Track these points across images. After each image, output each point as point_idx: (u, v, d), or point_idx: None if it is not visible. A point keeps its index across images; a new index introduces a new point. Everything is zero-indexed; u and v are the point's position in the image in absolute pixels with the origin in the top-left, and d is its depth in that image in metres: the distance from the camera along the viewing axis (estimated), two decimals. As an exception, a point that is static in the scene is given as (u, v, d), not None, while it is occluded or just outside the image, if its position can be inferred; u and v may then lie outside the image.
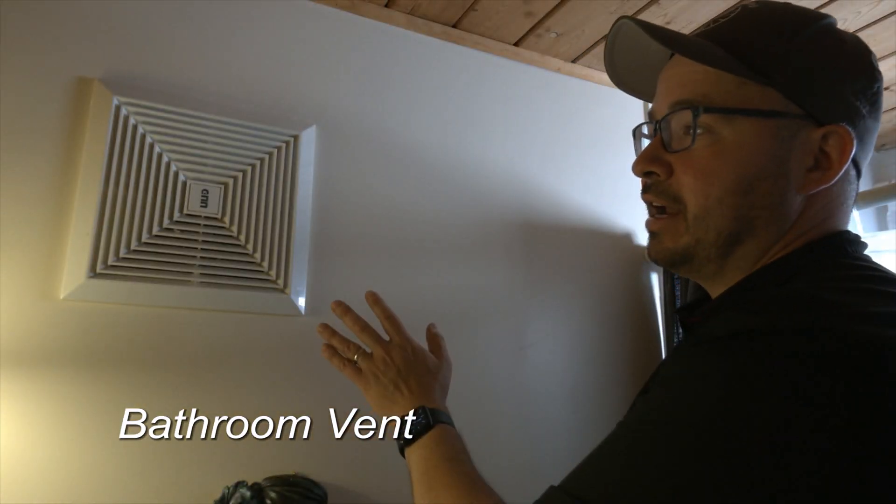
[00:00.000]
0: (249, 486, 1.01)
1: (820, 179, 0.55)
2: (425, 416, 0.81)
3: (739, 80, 0.56)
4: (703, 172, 0.57)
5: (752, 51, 0.56)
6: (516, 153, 1.50)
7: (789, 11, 0.60)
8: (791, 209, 0.56)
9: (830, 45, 0.57)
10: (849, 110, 0.56)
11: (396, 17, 1.40)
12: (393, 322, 0.93)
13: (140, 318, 1.05)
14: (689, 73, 0.60)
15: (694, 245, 0.58)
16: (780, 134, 0.56)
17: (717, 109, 0.57)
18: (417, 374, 0.88)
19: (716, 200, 0.56)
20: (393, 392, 0.87)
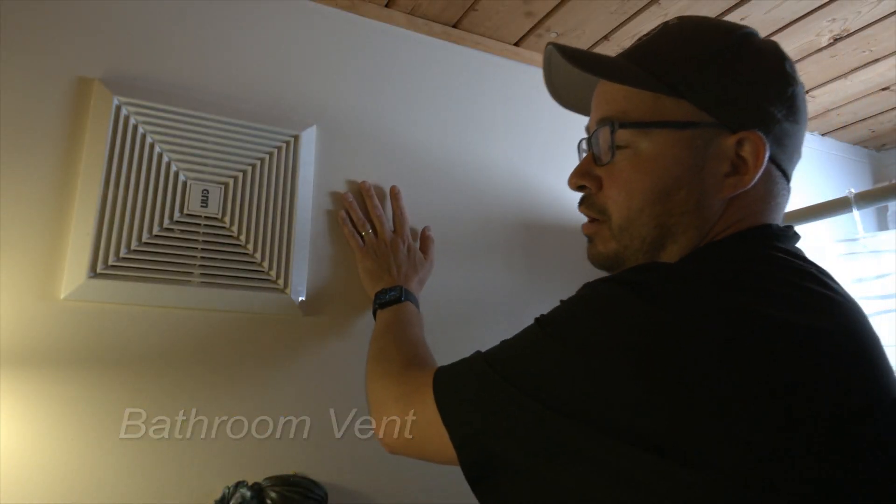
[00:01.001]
0: (249, 486, 1.01)
1: (737, 184, 0.59)
2: (400, 293, 1.04)
3: (655, 96, 0.60)
4: (624, 185, 0.62)
5: (664, 66, 0.61)
6: (516, 153, 1.50)
7: (704, 26, 0.64)
8: (710, 212, 0.60)
9: (742, 55, 0.61)
10: (762, 116, 0.59)
11: (396, 17, 1.40)
12: (402, 220, 1.21)
13: (140, 318, 1.05)
14: (611, 91, 0.64)
15: (621, 251, 0.64)
16: (695, 143, 0.59)
17: (632, 124, 0.61)
18: (405, 264, 1.12)
19: (636, 211, 0.61)
20: (382, 271, 1.11)
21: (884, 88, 1.71)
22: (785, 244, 0.61)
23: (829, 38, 1.46)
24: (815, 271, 0.56)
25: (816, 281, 0.54)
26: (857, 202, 1.29)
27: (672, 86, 0.60)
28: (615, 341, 0.48)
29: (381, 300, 1.05)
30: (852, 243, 1.41)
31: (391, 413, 0.71)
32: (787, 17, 1.38)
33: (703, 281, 0.51)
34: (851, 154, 2.13)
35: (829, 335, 0.49)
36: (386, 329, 0.96)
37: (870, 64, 1.58)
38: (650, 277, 0.51)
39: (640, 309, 0.48)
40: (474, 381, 0.58)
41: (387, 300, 1.04)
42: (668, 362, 0.45)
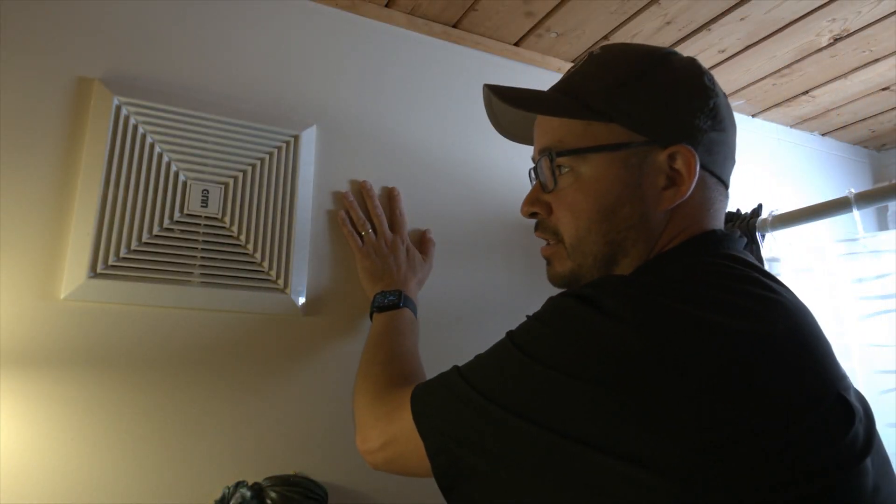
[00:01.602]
0: (249, 486, 1.01)
1: (675, 195, 0.63)
2: (399, 298, 1.03)
3: (585, 123, 0.65)
4: (570, 208, 0.67)
5: (590, 95, 0.66)
6: (517, 153, 1.50)
7: (627, 52, 0.69)
8: (654, 224, 0.64)
9: (660, 75, 0.65)
10: (688, 130, 0.64)
11: (396, 17, 1.40)
12: (401, 221, 1.20)
13: (140, 318, 1.05)
14: (548, 122, 0.69)
15: (577, 269, 0.68)
16: (630, 161, 0.64)
17: (568, 151, 0.66)
18: (405, 265, 1.12)
19: (585, 231, 0.66)
20: (382, 272, 1.11)
21: (884, 88, 1.71)
22: (729, 249, 0.64)
23: (829, 38, 1.46)
24: (757, 275, 0.59)
25: (759, 284, 0.57)
26: (857, 202, 1.29)
27: (600, 112, 0.64)
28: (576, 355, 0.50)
29: (378, 303, 1.05)
30: (852, 243, 1.41)
31: (372, 433, 0.74)
32: (787, 17, 1.38)
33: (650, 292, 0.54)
34: (851, 154, 2.13)
35: (772, 338, 0.52)
36: (379, 338, 0.97)
37: (870, 64, 1.58)
38: (604, 292, 0.54)
39: (597, 322, 0.51)
40: (447, 393, 0.61)
41: (385, 304, 1.04)
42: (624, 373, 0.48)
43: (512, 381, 0.55)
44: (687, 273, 0.58)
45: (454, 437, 0.57)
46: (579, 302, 0.54)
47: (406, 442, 0.65)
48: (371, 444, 0.73)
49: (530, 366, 0.53)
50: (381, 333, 0.97)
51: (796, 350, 0.52)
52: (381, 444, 0.72)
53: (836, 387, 0.52)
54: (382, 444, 0.71)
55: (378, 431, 0.72)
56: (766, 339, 0.51)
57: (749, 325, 0.51)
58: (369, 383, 0.84)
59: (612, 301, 0.52)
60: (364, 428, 0.76)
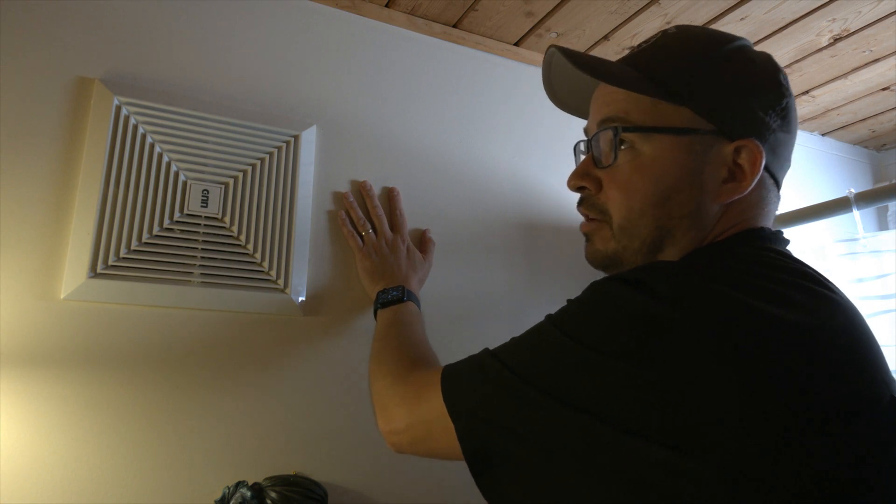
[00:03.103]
0: (249, 486, 1.01)
1: (734, 190, 0.61)
2: (402, 293, 1.03)
3: (654, 101, 0.62)
4: (625, 186, 0.63)
5: (664, 73, 0.63)
6: (517, 153, 1.50)
7: (703, 35, 0.66)
8: (708, 217, 0.62)
9: (740, 65, 0.63)
10: (758, 125, 0.61)
11: (396, 17, 1.40)
12: (401, 221, 1.21)
13: (140, 318, 1.05)
14: (612, 93, 0.66)
15: (621, 251, 0.65)
16: (694, 149, 0.61)
17: (634, 128, 0.63)
18: (405, 264, 1.12)
19: (637, 213, 0.63)
20: (382, 270, 1.11)
21: (884, 88, 1.71)
22: (777, 246, 0.63)
23: (829, 38, 1.46)
24: (810, 271, 0.57)
25: (812, 280, 0.55)
26: (857, 202, 1.29)
27: (673, 93, 0.61)
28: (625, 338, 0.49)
29: (382, 300, 1.04)
30: (852, 243, 1.41)
31: (397, 413, 0.72)
32: (787, 17, 1.38)
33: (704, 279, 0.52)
34: (851, 154, 2.13)
35: (825, 332, 0.50)
36: (388, 329, 0.95)
37: (870, 64, 1.58)
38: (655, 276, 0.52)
39: (648, 307, 0.49)
40: (482, 376, 0.58)
41: (388, 300, 1.03)
42: (673, 359, 0.46)
43: (552, 363, 0.52)
44: (739, 262, 0.56)
45: (486, 419, 0.56)
46: (629, 286, 0.52)
47: (435, 423, 0.63)
48: (397, 424, 0.71)
49: (574, 348, 0.51)
50: (389, 325, 0.96)
51: (850, 348, 0.51)
52: (406, 424, 0.69)
53: (891, 389, 0.50)
54: (409, 424, 0.69)
55: (404, 411, 0.70)
56: (820, 334, 0.49)
57: (804, 319, 0.49)
58: (387, 367, 0.82)
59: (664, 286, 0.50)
60: (388, 408, 0.74)
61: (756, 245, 0.61)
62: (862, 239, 1.39)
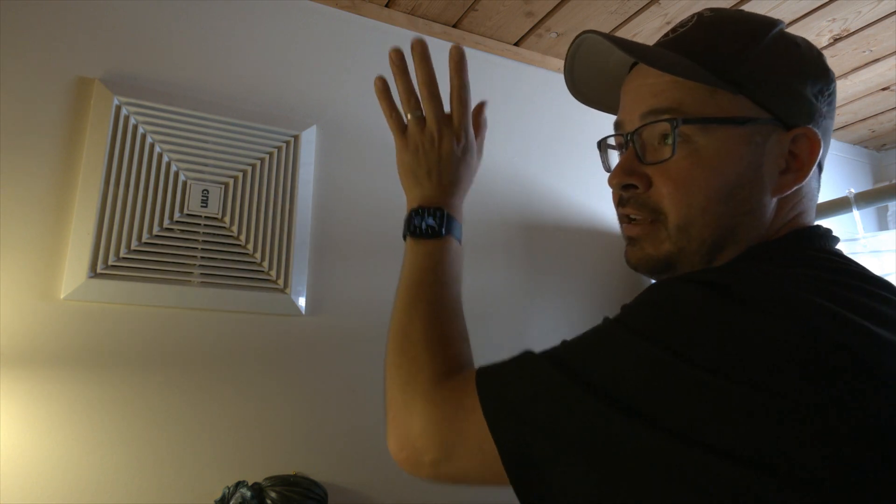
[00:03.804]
0: (249, 486, 1.01)
1: (793, 181, 0.57)
2: (440, 222, 0.79)
3: (711, 89, 0.57)
4: (683, 183, 0.57)
5: (717, 59, 0.58)
6: (517, 153, 1.50)
7: (743, 19, 0.62)
8: (767, 211, 0.58)
9: (787, 49, 0.59)
10: (812, 112, 0.58)
11: (397, 17, 1.40)
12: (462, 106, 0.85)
13: (140, 318, 1.05)
14: (660, 83, 0.59)
15: (677, 253, 0.59)
16: (754, 140, 0.57)
17: (694, 119, 0.57)
18: (454, 171, 0.84)
19: (699, 210, 0.57)
20: (423, 174, 0.83)
21: (884, 88, 1.71)
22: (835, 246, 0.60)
23: (830, 38, 1.46)
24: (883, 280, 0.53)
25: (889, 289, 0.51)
26: (857, 202, 1.29)
27: (730, 80, 0.57)
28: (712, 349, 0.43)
29: (415, 225, 0.78)
30: (852, 243, 1.41)
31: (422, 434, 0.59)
32: (787, 17, 1.38)
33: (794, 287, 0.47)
34: (851, 154, 2.13)
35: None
36: (415, 288, 0.74)
37: (870, 64, 1.58)
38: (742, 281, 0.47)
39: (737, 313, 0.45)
40: (532, 384, 0.51)
41: (423, 229, 0.78)
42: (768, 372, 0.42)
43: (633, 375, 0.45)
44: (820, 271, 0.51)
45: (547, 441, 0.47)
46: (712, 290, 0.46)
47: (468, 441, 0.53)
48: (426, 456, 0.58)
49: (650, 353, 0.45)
50: (417, 282, 0.75)
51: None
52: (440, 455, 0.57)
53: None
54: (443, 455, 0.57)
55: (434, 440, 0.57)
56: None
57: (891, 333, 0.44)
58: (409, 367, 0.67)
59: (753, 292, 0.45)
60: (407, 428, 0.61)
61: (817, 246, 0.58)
62: (862, 239, 1.39)
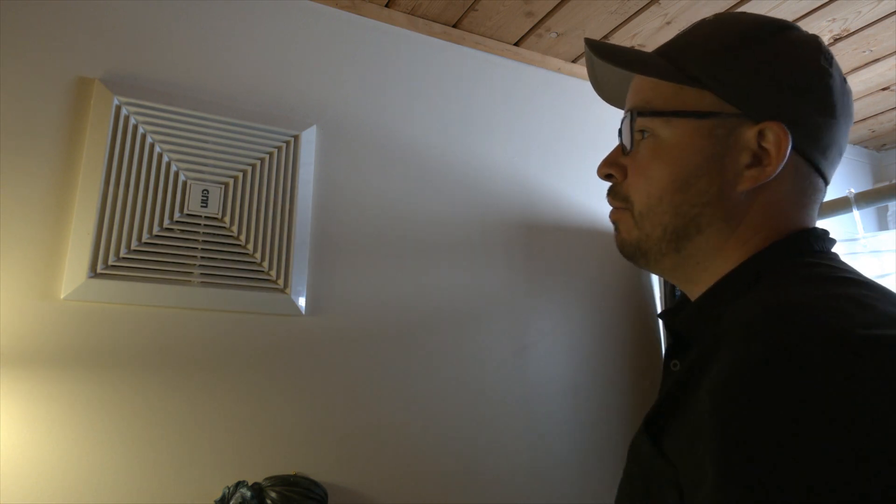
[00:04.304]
0: (249, 486, 1.01)
1: (758, 175, 0.58)
2: None
3: (677, 87, 0.60)
4: (643, 172, 0.62)
5: (688, 59, 0.61)
6: (516, 153, 1.50)
7: (738, 21, 0.63)
8: (733, 204, 0.59)
9: (771, 47, 0.60)
10: (787, 108, 0.58)
11: (397, 17, 1.40)
12: None
13: (140, 318, 1.05)
14: (640, 83, 0.65)
15: (644, 240, 0.62)
16: (716, 133, 0.59)
17: (651, 112, 0.61)
18: None
19: (656, 199, 0.60)
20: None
21: (884, 88, 1.71)
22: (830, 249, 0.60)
23: (830, 38, 1.46)
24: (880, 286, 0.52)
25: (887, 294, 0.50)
26: (857, 202, 1.29)
27: (694, 77, 0.59)
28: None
29: None
30: (852, 243, 1.41)
31: None
32: (787, 17, 1.38)
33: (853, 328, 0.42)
34: (851, 154, 2.13)
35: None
36: None
37: (870, 64, 1.58)
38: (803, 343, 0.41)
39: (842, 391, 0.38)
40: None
41: None
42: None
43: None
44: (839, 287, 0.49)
45: None
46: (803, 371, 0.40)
47: None
48: None
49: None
50: None
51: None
52: None
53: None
54: None
55: None
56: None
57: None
58: None
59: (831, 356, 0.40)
60: None
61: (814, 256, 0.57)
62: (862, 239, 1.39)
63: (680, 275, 0.63)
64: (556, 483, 1.35)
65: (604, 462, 1.41)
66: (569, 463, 1.37)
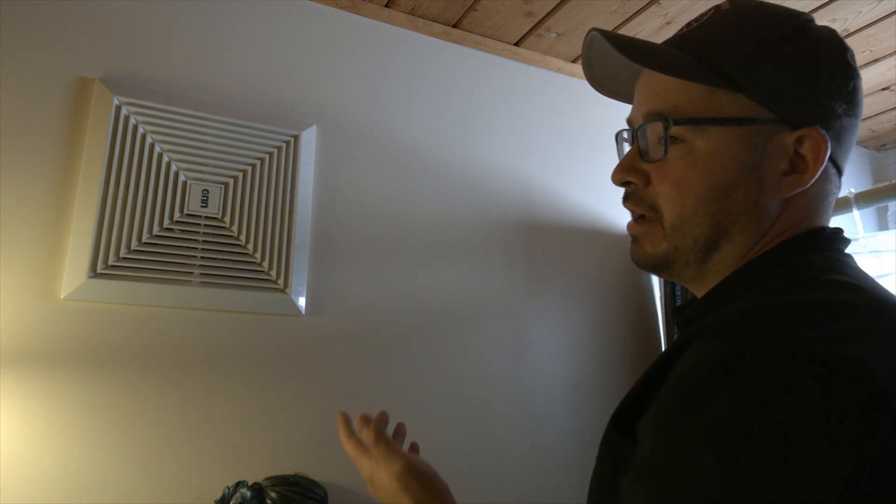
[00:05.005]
0: (250, 486, 1.01)
1: (796, 183, 0.56)
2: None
3: (709, 89, 0.57)
4: (677, 183, 0.58)
5: (720, 58, 0.57)
6: (516, 153, 1.50)
7: (761, 12, 0.60)
8: (768, 213, 0.57)
9: (802, 46, 0.57)
10: (823, 112, 0.56)
11: (397, 17, 1.40)
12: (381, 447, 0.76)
13: (140, 318, 1.05)
14: (661, 81, 0.60)
15: (673, 252, 0.59)
16: (753, 140, 0.56)
17: (687, 121, 0.57)
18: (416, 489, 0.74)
19: (691, 210, 0.57)
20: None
21: (884, 88, 1.71)
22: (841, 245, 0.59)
23: (829, 38, 1.46)
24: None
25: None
26: (857, 202, 1.29)
27: (730, 79, 0.56)
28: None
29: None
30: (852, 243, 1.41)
31: None
32: (787, 17, 1.38)
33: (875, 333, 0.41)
34: (851, 154, 2.13)
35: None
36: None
37: (870, 64, 1.58)
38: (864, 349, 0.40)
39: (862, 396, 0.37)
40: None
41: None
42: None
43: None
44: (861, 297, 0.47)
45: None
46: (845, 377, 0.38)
47: None
48: None
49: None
50: None
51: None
52: None
53: None
54: None
55: None
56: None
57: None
58: None
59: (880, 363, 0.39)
60: None
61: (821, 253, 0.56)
62: (862, 239, 1.39)
63: (699, 282, 0.61)
64: (556, 483, 1.35)
65: (604, 462, 1.41)
66: (569, 463, 1.37)
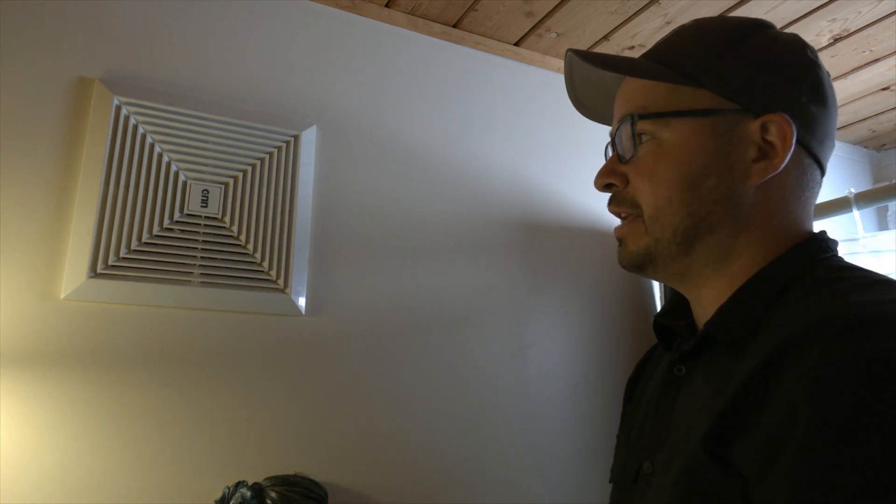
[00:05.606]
0: (249, 486, 1.01)
1: (766, 169, 0.58)
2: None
3: (672, 87, 0.60)
4: (649, 175, 0.61)
5: (681, 58, 0.61)
6: (517, 153, 1.50)
7: (722, 20, 0.64)
8: (742, 201, 0.59)
9: (761, 41, 0.60)
10: (785, 99, 0.58)
11: (397, 17, 1.40)
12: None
13: (140, 318, 1.05)
14: (631, 89, 0.64)
15: (654, 245, 0.61)
16: (718, 129, 0.58)
17: (650, 115, 0.60)
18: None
19: (665, 199, 0.59)
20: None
21: (884, 88, 1.71)
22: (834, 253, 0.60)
23: (830, 38, 1.46)
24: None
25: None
26: (857, 202, 1.29)
27: (689, 76, 0.59)
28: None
29: None
30: (852, 243, 1.41)
31: None
32: (787, 16, 1.38)
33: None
34: (851, 154, 2.13)
35: None
36: None
37: (870, 64, 1.58)
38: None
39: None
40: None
41: None
42: None
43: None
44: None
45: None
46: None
47: None
48: None
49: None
50: None
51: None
52: None
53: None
54: None
55: None
56: None
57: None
58: None
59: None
60: None
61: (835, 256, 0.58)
62: (862, 239, 1.39)
63: (687, 279, 0.62)
64: (556, 483, 1.35)
65: (604, 462, 1.41)
66: (569, 463, 1.37)
